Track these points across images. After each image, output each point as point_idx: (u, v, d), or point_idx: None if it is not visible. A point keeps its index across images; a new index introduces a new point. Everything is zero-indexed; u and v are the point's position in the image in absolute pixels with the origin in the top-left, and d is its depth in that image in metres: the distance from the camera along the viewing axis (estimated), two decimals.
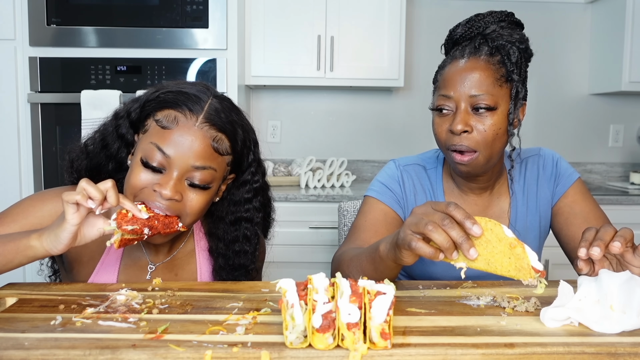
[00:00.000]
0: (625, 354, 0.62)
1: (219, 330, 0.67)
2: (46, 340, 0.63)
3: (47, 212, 0.93)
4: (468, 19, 1.05)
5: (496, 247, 0.72)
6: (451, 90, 1.01)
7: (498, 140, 1.01)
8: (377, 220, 1.09)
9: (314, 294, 0.62)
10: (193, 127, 0.87)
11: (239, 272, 1.01)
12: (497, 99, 0.99)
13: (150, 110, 0.91)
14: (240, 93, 2.33)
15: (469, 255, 0.71)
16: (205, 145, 0.87)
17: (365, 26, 2.50)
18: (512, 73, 1.00)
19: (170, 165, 0.86)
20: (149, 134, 0.89)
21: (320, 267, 2.24)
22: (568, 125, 2.91)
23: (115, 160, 0.95)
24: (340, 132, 2.87)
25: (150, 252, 1.00)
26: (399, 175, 1.15)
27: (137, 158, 0.89)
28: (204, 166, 0.87)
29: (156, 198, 0.86)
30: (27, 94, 2.17)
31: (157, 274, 1.00)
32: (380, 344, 0.62)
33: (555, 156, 1.17)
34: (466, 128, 0.99)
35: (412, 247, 0.74)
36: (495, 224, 0.73)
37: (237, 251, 1.00)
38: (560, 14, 2.84)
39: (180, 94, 0.89)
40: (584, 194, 1.13)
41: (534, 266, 0.71)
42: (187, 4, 2.18)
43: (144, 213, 0.84)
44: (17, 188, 2.22)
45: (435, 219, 0.72)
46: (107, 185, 0.79)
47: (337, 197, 2.29)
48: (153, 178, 0.87)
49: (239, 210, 0.99)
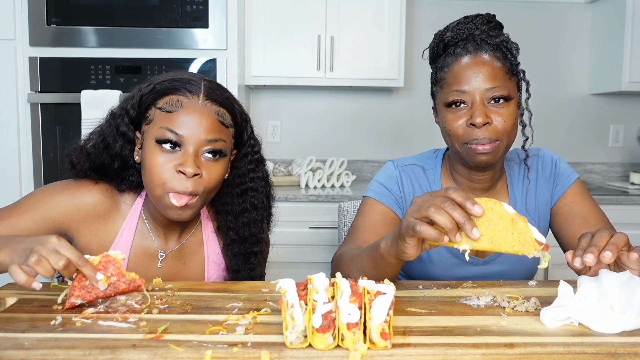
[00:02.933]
0: (625, 354, 0.62)
1: (219, 330, 0.67)
2: (46, 340, 0.64)
3: (56, 205, 0.95)
4: (457, 22, 1.08)
5: (498, 225, 0.72)
6: (465, 85, 1.02)
7: (514, 129, 1.04)
8: (376, 221, 1.10)
9: (314, 294, 0.62)
10: (197, 105, 0.92)
11: (250, 243, 1.04)
12: (510, 90, 1.02)
13: (149, 102, 0.94)
14: (240, 93, 2.33)
15: (472, 235, 0.71)
16: (212, 119, 0.92)
17: (365, 26, 2.50)
18: (517, 66, 1.04)
19: (184, 143, 0.90)
20: (155, 122, 0.92)
21: (320, 267, 2.24)
22: (568, 125, 2.91)
23: (121, 158, 0.97)
24: (340, 132, 2.87)
25: (160, 240, 1.02)
26: (398, 176, 1.15)
27: (150, 146, 0.92)
28: (215, 139, 0.92)
29: (182, 180, 0.89)
30: (27, 94, 2.17)
31: (167, 262, 1.02)
32: (380, 344, 0.62)
33: (554, 157, 1.17)
34: (487, 120, 1.00)
35: (417, 230, 0.74)
36: (495, 202, 0.73)
37: (246, 222, 1.04)
38: (560, 14, 2.84)
39: (174, 80, 0.94)
40: (583, 194, 1.13)
41: (537, 239, 0.71)
42: (187, 4, 2.18)
43: (102, 284, 0.77)
44: (17, 188, 2.22)
45: (437, 202, 0.73)
46: (59, 265, 0.71)
47: (337, 197, 2.29)
48: (170, 158, 0.90)
49: (244, 182, 1.04)
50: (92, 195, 0.97)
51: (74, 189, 0.97)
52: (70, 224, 0.96)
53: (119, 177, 0.99)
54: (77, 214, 0.96)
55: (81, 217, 0.97)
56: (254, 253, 1.05)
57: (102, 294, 0.78)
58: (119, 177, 0.99)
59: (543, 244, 0.72)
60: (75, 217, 0.96)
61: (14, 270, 0.71)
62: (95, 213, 0.97)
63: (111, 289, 0.79)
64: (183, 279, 1.04)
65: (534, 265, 1.16)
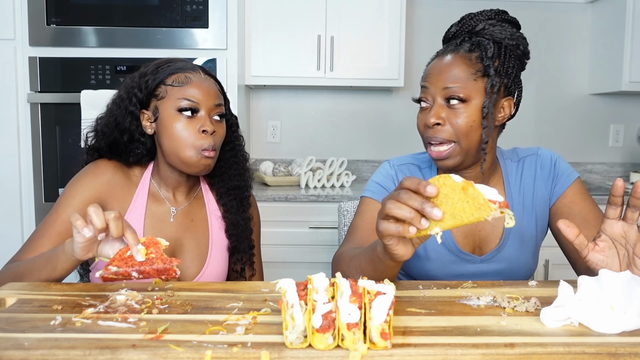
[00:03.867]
0: (625, 354, 0.62)
1: (219, 330, 0.67)
2: (46, 340, 0.63)
3: (87, 188, 1.10)
4: (460, 19, 1.08)
5: (454, 198, 0.70)
6: (427, 83, 1.05)
7: (473, 132, 1.02)
8: (374, 219, 1.10)
9: (314, 294, 0.62)
10: (202, 77, 1.12)
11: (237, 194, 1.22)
12: (469, 92, 1.01)
13: (158, 82, 1.11)
14: (240, 93, 2.33)
15: (434, 216, 0.70)
16: (214, 89, 1.13)
17: (365, 26, 2.50)
18: (489, 68, 1.02)
19: (200, 109, 1.10)
20: (169, 96, 1.10)
21: (320, 267, 2.24)
22: (568, 125, 2.91)
23: (129, 133, 1.13)
24: (340, 132, 2.87)
25: (171, 200, 1.18)
26: (394, 175, 1.17)
27: (170, 116, 1.09)
28: (219, 103, 1.13)
29: (206, 138, 1.08)
30: (27, 94, 2.17)
31: (178, 217, 1.17)
32: (380, 344, 0.62)
33: (553, 156, 1.16)
34: (439, 121, 1.02)
35: (379, 230, 0.75)
36: (445, 176, 0.71)
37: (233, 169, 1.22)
38: (560, 14, 2.84)
39: (175, 61, 1.14)
40: (583, 194, 1.13)
41: (490, 199, 0.68)
42: (187, 4, 2.18)
43: (140, 256, 0.83)
44: (17, 188, 2.22)
45: (393, 196, 0.73)
46: (110, 216, 0.83)
47: (337, 197, 2.29)
48: (192, 123, 1.09)
49: (231, 140, 1.23)
50: (110, 170, 1.14)
51: (95, 170, 1.13)
52: (102, 198, 1.11)
53: (127, 150, 1.14)
54: (105, 188, 1.12)
55: (108, 190, 1.12)
56: (246, 197, 1.24)
57: (137, 266, 0.83)
58: (127, 151, 1.15)
59: (497, 202, 0.68)
60: (104, 191, 1.11)
61: (73, 214, 0.83)
62: (115, 183, 1.13)
63: (147, 265, 0.83)
64: (192, 233, 1.18)
65: (533, 262, 1.16)
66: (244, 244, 1.22)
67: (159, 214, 1.16)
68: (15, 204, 2.22)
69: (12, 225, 2.21)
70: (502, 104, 1.06)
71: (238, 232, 1.21)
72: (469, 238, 1.12)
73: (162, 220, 1.16)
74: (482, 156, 1.07)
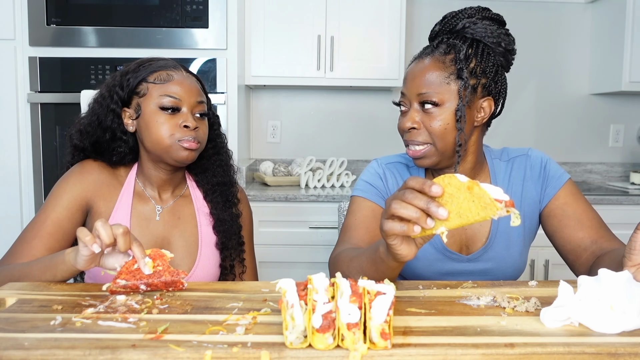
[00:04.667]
0: (625, 354, 0.62)
1: (219, 330, 0.67)
2: (46, 340, 0.63)
3: (74, 187, 1.11)
4: (443, 17, 1.10)
5: (459, 197, 0.71)
6: (404, 89, 1.07)
7: (448, 134, 1.03)
8: (367, 217, 1.12)
9: (314, 294, 0.62)
10: (183, 75, 1.14)
11: (222, 190, 1.23)
12: (442, 96, 1.02)
13: (140, 80, 1.11)
14: (240, 93, 2.33)
15: (439, 215, 0.71)
16: (196, 87, 1.14)
17: (365, 26, 2.50)
18: (461, 71, 1.02)
19: (181, 106, 1.11)
20: (150, 93, 1.11)
21: (320, 267, 2.24)
22: (568, 125, 2.91)
23: (111, 131, 1.14)
24: (340, 132, 2.87)
25: (156, 199, 1.19)
26: (382, 173, 1.18)
27: (151, 112, 1.09)
28: (201, 101, 1.14)
29: (187, 132, 1.09)
30: (27, 94, 2.17)
31: (164, 215, 1.18)
32: (380, 344, 0.62)
33: (544, 158, 1.15)
34: (414, 125, 1.04)
35: (384, 230, 0.75)
36: (450, 176, 0.72)
37: (217, 166, 1.24)
38: (560, 14, 2.84)
39: (155, 60, 1.15)
40: (575, 195, 1.11)
41: (496, 198, 0.69)
42: (187, 4, 2.18)
43: (148, 269, 0.84)
44: (17, 188, 2.22)
45: (398, 196, 0.74)
46: (119, 231, 0.83)
47: (337, 197, 2.29)
48: (172, 119, 1.10)
49: (214, 138, 1.24)
50: (96, 171, 1.15)
51: (81, 170, 1.14)
52: (89, 197, 1.12)
53: (110, 149, 1.15)
54: (91, 188, 1.13)
55: (94, 190, 1.13)
56: (233, 194, 1.25)
57: (145, 279, 0.83)
58: (110, 150, 1.15)
59: (503, 201, 0.69)
60: (90, 191, 1.12)
61: (81, 229, 0.83)
62: (101, 183, 1.14)
63: (155, 277, 0.84)
64: (180, 230, 1.18)
65: (520, 262, 1.15)
66: (232, 241, 1.22)
67: (144, 213, 1.16)
68: (15, 204, 2.22)
69: (12, 225, 2.21)
70: (480, 105, 1.05)
71: (226, 229, 1.21)
72: (455, 237, 1.12)
73: (148, 219, 1.16)
74: (484, 158, 1.07)
